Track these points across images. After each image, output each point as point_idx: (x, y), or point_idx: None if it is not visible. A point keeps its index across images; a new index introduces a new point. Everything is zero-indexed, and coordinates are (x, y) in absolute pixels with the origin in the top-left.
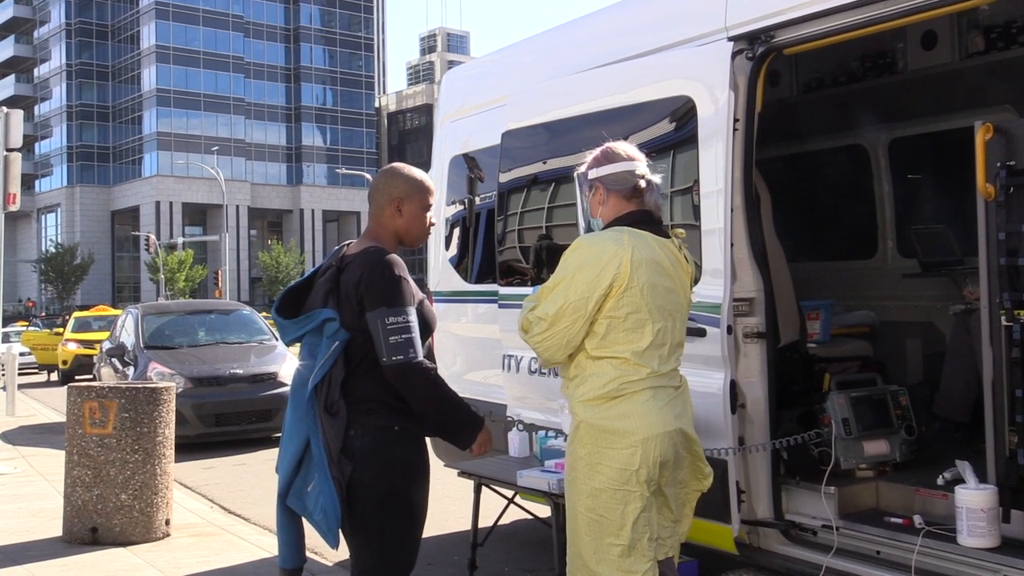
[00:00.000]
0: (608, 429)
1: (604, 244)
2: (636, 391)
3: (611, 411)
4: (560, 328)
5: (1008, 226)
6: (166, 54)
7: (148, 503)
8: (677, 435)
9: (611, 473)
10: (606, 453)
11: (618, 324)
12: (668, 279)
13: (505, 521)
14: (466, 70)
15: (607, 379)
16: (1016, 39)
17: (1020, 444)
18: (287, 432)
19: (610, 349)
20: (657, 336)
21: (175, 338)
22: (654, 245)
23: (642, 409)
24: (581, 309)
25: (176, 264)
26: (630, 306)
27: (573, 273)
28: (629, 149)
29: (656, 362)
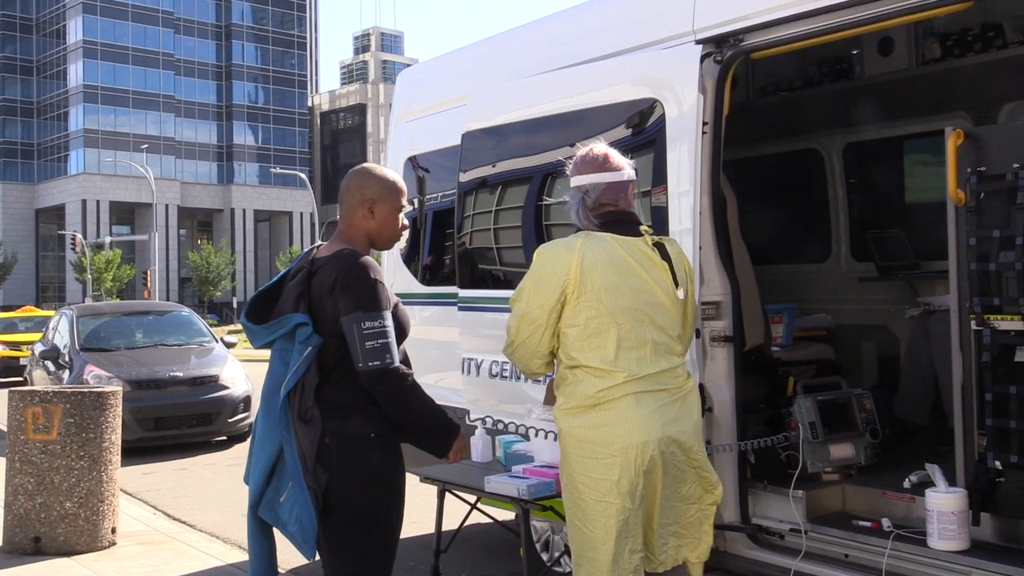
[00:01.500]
0: (587, 439)
1: (555, 251)
2: (616, 398)
3: (591, 420)
4: (522, 339)
5: (979, 231)
6: (93, 50)
7: (94, 511)
8: (666, 443)
9: (591, 483)
10: (585, 463)
11: (581, 332)
12: (635, 278)
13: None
14: (422, 70)
15: (585, 387)
16: (971, 47)
17: (989, 447)
18: (258, 441)
19: (580, 357)
20: (625, 338)
21: (112, 340)
22: (614, 246)
23: (623, 417)
24: (538, 319)
25: (103, 264)
26: (588, 311)
27: (530, 283)
28: (598, 161)
29: (634, 364)
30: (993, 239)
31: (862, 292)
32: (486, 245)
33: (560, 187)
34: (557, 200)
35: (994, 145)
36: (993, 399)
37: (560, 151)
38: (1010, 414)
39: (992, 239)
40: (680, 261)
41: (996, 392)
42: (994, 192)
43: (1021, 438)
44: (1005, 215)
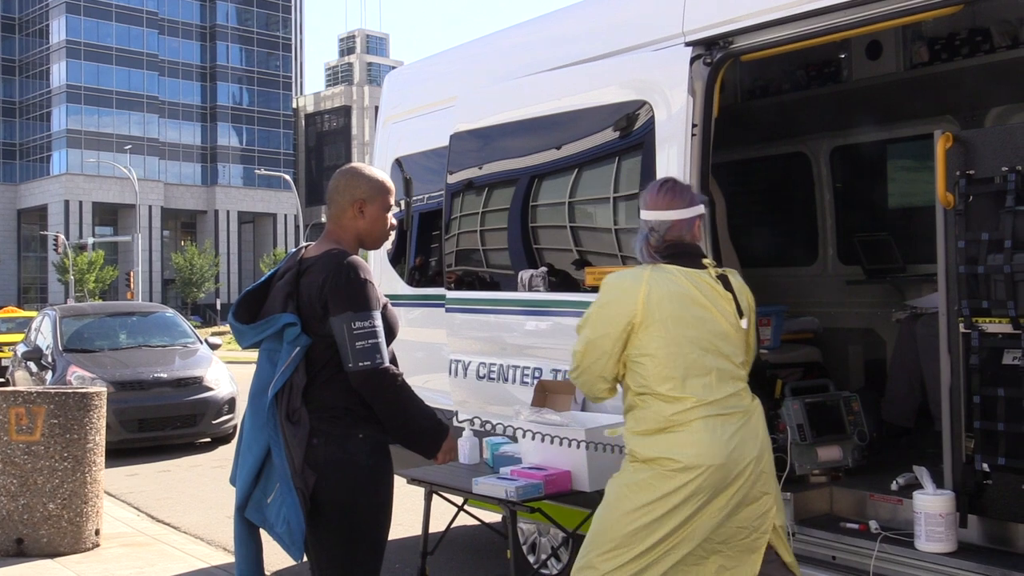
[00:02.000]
0: (654, 457)
1: (623, 283)
2: (686, 422)
3: (660, 441)
4: (587, 365)
5: (967, 234)
6: (77, 50)
7: (77, 512)
8: (730, 467)
9: (648, 499)
10: (645, 478)
11: (651, 361)
12: (700, 309)
13: (442, 528)
14: (409, 71)
15: (655, 411)
16: (959, 51)
17: (977, 449)
18: (246, 441)
19: (650, 384)
20: (692, 366)
21: (95, 341)
22: (679, 278)
23: (692, 439)
24: (603, 347)
25: (86, 265)
26: (658, 341)
27: (595, 311)
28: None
29: (701, 390)
30: (981, 242)
31: (849, 295)
32: (474, 247)
33: (547, 188)
34: (545, 201)
35: (983, 148)
36: (981, 402)
37: (549, 153)
38: (998, 417)
39: (980, 242)
40: (743, 292)
41: (984, 395)
42: (982, 195)
43: (1009, 440)
44: (993, 218)
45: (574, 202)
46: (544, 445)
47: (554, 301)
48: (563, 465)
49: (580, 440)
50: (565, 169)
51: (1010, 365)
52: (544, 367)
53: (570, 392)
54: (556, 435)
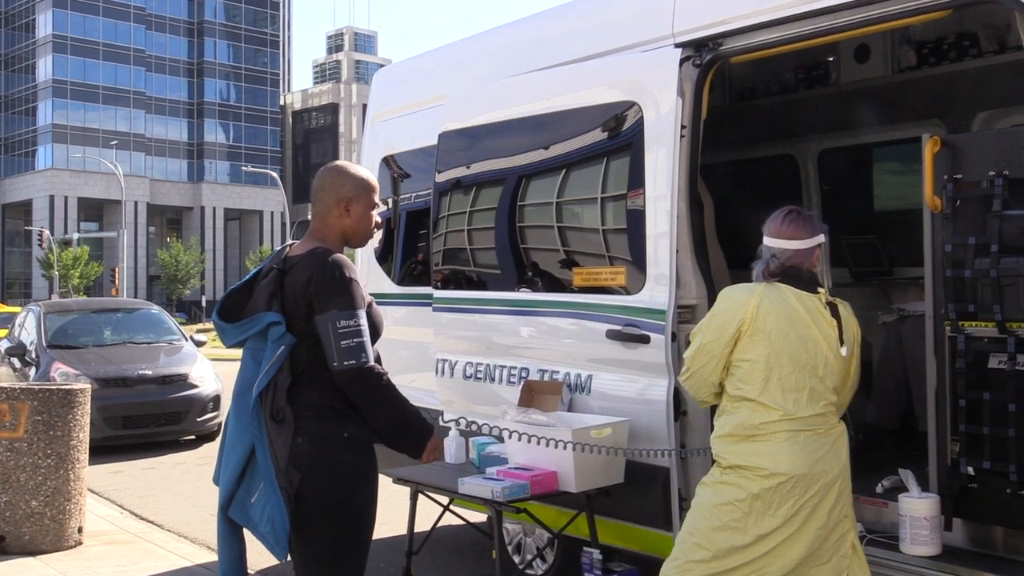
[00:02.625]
0: (738, 464)
1: (736, 293)
2: (771, 432)
3: (745, 448)
4: (695, 369)
5: (954, 238)
6: (63, 44)
7: (60, 510)
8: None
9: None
10: (729, 490)
11: (750, 366)
12: (805, 328)
13: (427, 528)
14: (398, 69)
15: (742, 418)
16: (946, 55)
17: (962, 453)
18: (230, 440)
19: (745, 389)
20: (787, 380)
21: (79, 337)
22: (789, 296)
23: (775, 449)
24: (712, 351)
25: (71, 260)
26: (760, 349)
27: (709, 319)
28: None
29: (791, 405)
30: (968, 246)
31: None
32: (462, 246)
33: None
34: (533, 201)
35: (970, 153)
36: (967, 405)
37: (537, 153)
38: (983, 420)
39: (967, 246)
40: (849, 323)
41: (969, 398)
42: (970, 199)
43: (994, 444)
44: (980, 222)
45: (562, 202)
46: (530, 445)
47: (541, 301)
48: (549, 466)
49: (566, 441)
50: (554, 169)
51: (996, 369)
52: (531, 367)
53: (556, 393)
54: (542, 436)
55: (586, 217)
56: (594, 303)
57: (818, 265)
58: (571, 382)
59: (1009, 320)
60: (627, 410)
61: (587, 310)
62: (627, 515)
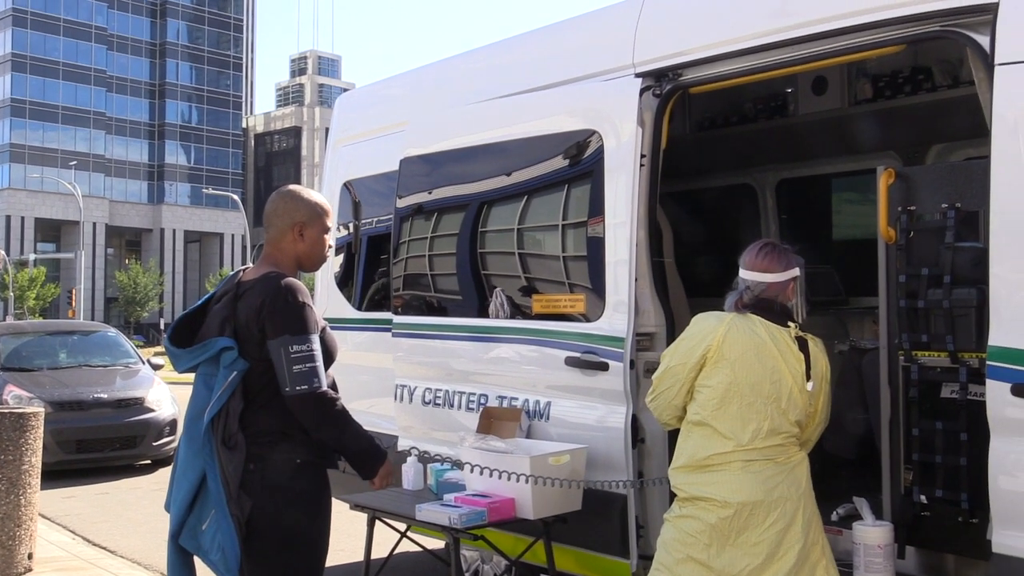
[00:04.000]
0: (695, 496)
1: (706, 321)
2: (725, 463)
3: (700, 479)
4: (662, 390)
5: (908, 268)
6: (23, 63)
7: (10, 536)
8: (768, 506)
9: (690, 536)
10: (688, 523)
11: (711, 392)
12: (771, 360)
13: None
14: (360, 94)
15: (695, 448)
16: (901, 88)
17: (915, 481)
18: (181, 467)
19: (704, 415)
20: (747, 410)
21: (34, 360)
22: (759, 328)
23: (730, 478)
24: (678, 375)
25: (27, 282)
26: (722, 377)
27: (678, 343)
28: (748, 257)
29: (747, 436)
30: (922, 277)
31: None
32: (422, 271)
33: (496, 215)
34: (494, 228)
35: (924, 185)
36: (920, 434)
37: (499, 179)
38: (935, 449)
39: (921, 277)
40: (818, 359)
41: (922, 427)
42: (923, 231)
43: (946, 473)
44: (933, 253)
45: (523, 229)
46: (485, 475)
47: (501, 328)
48: (507, 492)
49: (522, 474)
50: (514, 196)
51: (948, 398)
52: (490, 393)
53: (515, 419)
54: (499, 468)
55: (546, 244)
56: (553, 330)
57: (792, 298)
58: (530, 409)
59: (961, 350)
60: (585, 437)
61: (546, 337)
62: (584, 542)
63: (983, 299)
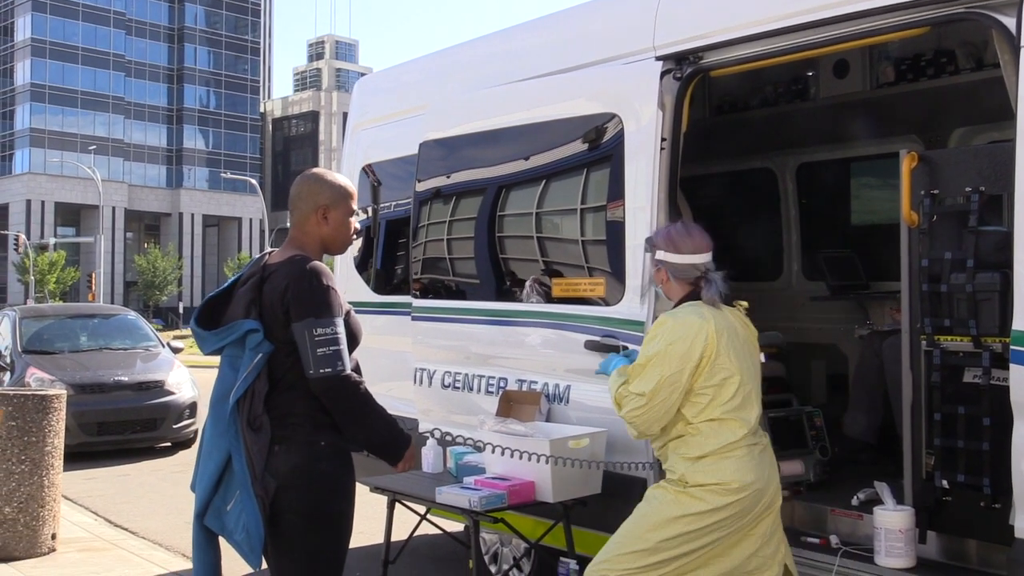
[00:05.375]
0: (703, 484)
1: (689, 319)
2: (735, 448)
3: (711, 466)
4: (657, 402)
5: (931, 253)
6: (42, 48)
7: (34, 516)
8: (765, 491)
9: (697, 509)
10: (691, 503)
11: (715, 391)
12: (743, 343)
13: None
14: (379, 78)
15: (705, 438)
16: (924, 71)
17: (937, 466)
18: (206, 448)
19: (708, 414)
20: (746, 395)
21: (55, 343)
22: (727, 314)
23: (736, 465)
24: (677, 382)
25: (47, 265)
26: (723, 371)
27: (665, 349)
28: (696, 240)
29: (752, 420)
30: (945, 261)
31: (813, 311)
32: (441, 255)
33: (516, 199)
34: (513, 212)
35: (947, 168)
36: (941, 419)
37: (518, 163)
38: (957, 434)
39: (944, 261)
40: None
41: (944, 412)
42: (946, 215)
43: (968, 458)
44: (956, 238)
45: (542, 213)
46: (504, 457)
47: (520, 312)
48: (527, 476)
49: (543, 455)
50: (534, 180)
51: (970, 383)
52: (509, 377)
53: (535, 403)
54: (519, 449)
55: (566, 228)
56: (573, 314)
57: None
58: (549, 392)
59: (984, 335)
60: (605, 420)
61: (566, 320)
62: (604, 525)
63: (1007, 283)
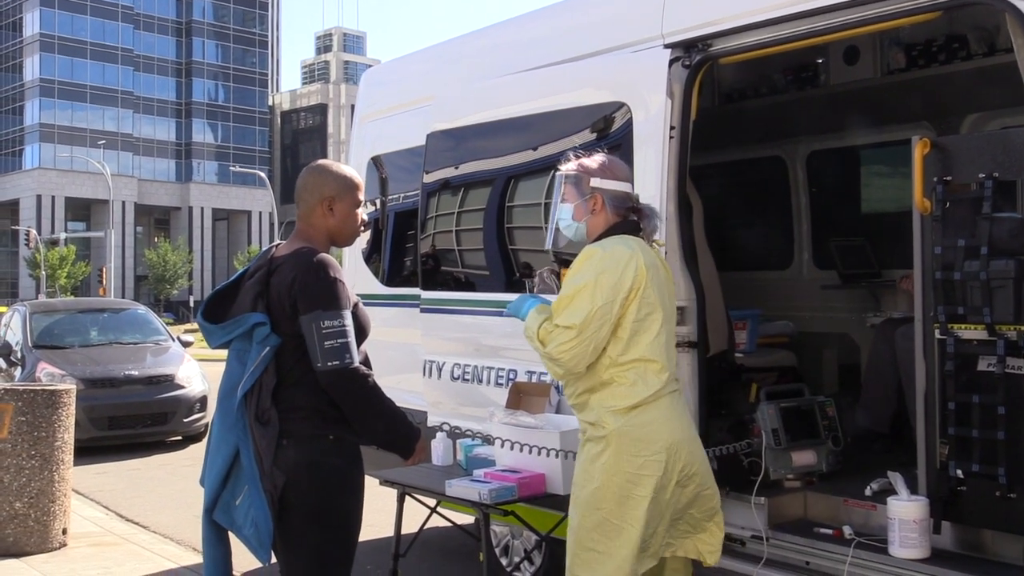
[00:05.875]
0: (636, 437)
1: (618, 249)
2: (659, 397)
3: (638, 419)
4: (588, 335)
5: (944, 240)
6: (51, 43)
7: (44, 511)
8: (694, 442)
9: (632, 478)
10: (632, 461)
11: (639, 326)
12: (666, 281)
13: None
14: (386, 69)
15: (632, 386)
16: (936, 57)
17: (951, 456)
18: (214, 442)
19: (633, 352)
20: (671, 337)
21: (66, 337)
22: (652, 250)
23: (664, 416)
24: (607, 314)
25: (57, 260)
26: (648, 307)
27: (595, 279)
28: (626, 168)
29: (672, 363)
30: (958, 248)
31: (824, 300)
32: (449, 246)
33: (524, 189)
34: (521, 202)
35: (960, 155)
36: (956, 408)
37: (526, 154)
38: (972, 423)
39: (957, 248)
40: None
41: (959, 401)
42: (959, 202)
43: (982, 447)
44: (970, 225)
45: (550, 203)
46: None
47: None
48: (537, 468)
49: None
50: (542, 170)
51: (985, 372)
52: (519, 369)
53: (544, 394)
54: (529, 443)
55: None
56: None
57: None
58: (559, 384)
59: (998, 323)
60: None
61: None
62: None
63: (1021, 270)
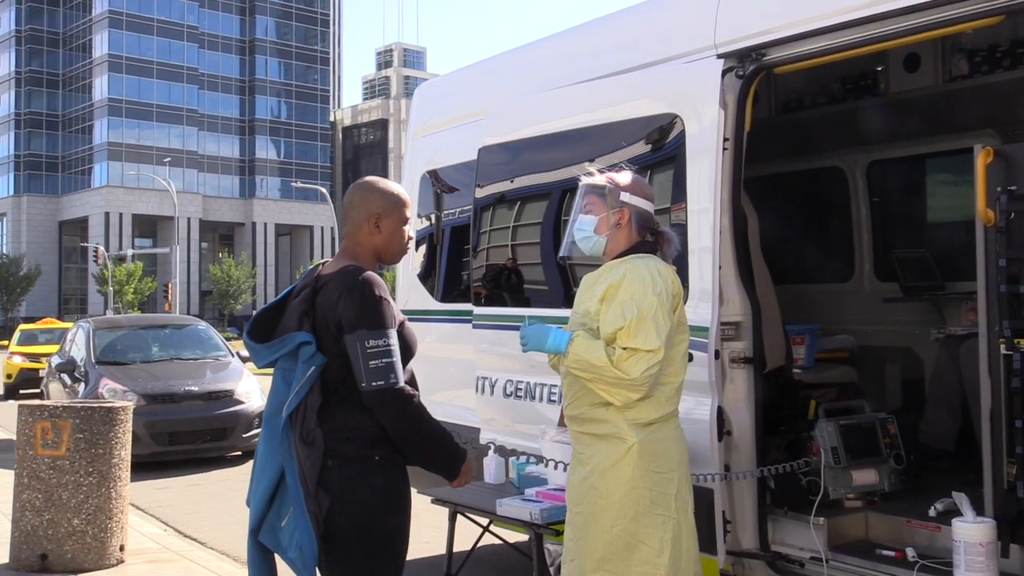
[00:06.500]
0: (657, 452)
1: (661, 267)
2: (675, 415)
3: (658, 434)
4: (664, 357)
5: (1008, 252)
6: (119, 63)
7: (102, 528)
8: None
9: (654, 497)
10: (651, 477)
11: (674, 343)
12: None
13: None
14: (439, 84)
15: (659, 403)
16: (1000, 63)
17: (1019, 476)
18: (259, 463)
19: (669, 369)
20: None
21: (128, 353)
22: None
23: (676, 435)
24: (671, 334)
25: (125, 276)
26: (681, 325)
27: (658, 298)
28: (651, 190)
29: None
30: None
31: (886, 313)
32: (501, 261)
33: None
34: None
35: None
36: (1023, 426)
37: (578, 167)
38: None
39: (1022, 260)
40: None
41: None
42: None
43: None
44: None
45: None
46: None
47: None
48: None
49: None
50: None
51: None
52: None
53: None
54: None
55: None
56: None
57: None
58: None
59: None
60: None
61: None
62: None
63: None
